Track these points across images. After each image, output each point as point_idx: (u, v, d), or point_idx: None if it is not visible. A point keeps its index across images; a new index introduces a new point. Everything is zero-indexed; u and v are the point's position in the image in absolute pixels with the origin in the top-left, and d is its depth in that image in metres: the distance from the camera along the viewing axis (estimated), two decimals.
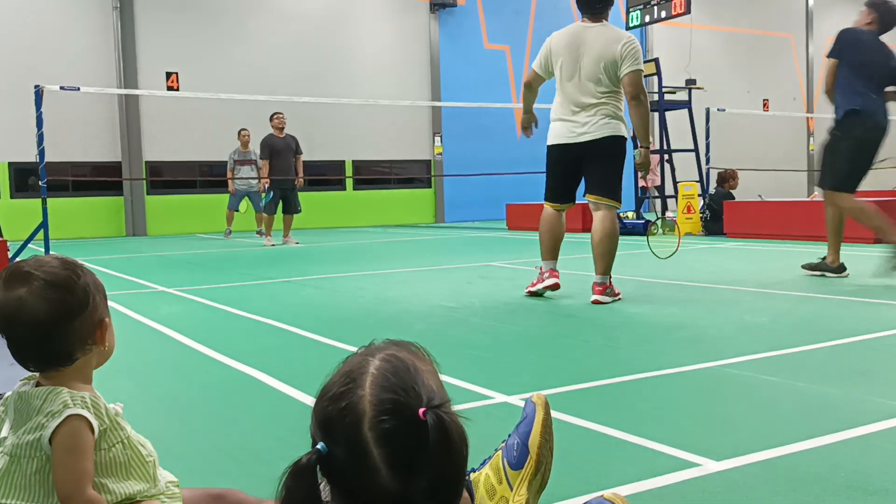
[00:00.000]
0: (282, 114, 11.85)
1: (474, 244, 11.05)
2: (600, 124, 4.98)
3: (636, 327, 4.05)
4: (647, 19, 14.19)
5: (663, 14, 13.75)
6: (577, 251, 6.98)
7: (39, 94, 9.42)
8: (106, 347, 1.42)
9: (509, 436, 1.51)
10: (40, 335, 1.33)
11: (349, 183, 18.47)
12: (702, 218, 11.51)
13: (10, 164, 15.08)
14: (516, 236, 12.38)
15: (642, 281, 5.95)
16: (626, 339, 3.76)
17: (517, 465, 1.45)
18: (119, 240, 14.72)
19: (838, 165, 5.78)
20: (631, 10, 14.42)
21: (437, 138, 19.36)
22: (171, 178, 16.38)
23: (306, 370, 3.24)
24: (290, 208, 11.84)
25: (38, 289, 1.32)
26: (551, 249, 5.26)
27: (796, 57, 25.31)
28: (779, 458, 1.99)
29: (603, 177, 5.05)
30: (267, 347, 3.77)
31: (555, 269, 5.21)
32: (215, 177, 16.87)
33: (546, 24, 19.86)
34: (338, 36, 18.00)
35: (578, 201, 5.49)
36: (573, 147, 5.07)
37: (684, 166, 14.40)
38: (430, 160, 19.47)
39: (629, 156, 5.29)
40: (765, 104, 23.63)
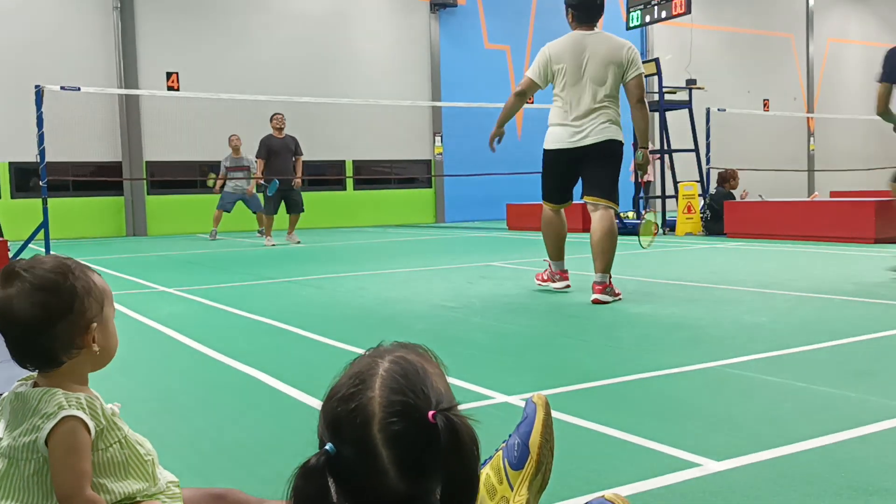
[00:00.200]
0: (281, 114, 11.82)
1: (474, 244, 11.05)
2: (601, 128, 5.08)
3: (637, 327, 4.05)
4: (648, 19, 14.20)
5: (664, 14, 13.76)
6: (578, 251, 6.98)
7: (40, 93, 9.42)
8: (98, 351, 1.39)
9: (510, 436, 1.51)
10: (25, 335, 1.33)
11: (349, 183, 18.47)
12: (702, 218, 11.51)
13: (11, 163, 15.08)
14: (516, 236, 12.38)
15: (643, 281, 5.95)
16: (627, 338, 3.76)
17: (518, 465, 1.45)
18: (119, 240, 14.73)
19: None
20: (631, 10, 14.43)
21: (438, 138, 19.37)
22: (171, 178, 16.39)
23: (307, 370, 3.24)
24: (294, 208, 11.82)
25: (25, 290, 1.32)
26: (558, 249, 5.44)
27: (797, 57, 25.31)
28: (780, 458, 1.99)
29: (602, 179, 5.13)
30: (267, 347, 3.77)
31: (564, 270, 5.41)
32: (216, 177, 16.88)
33: (546, 25, 19.86)
34: (338, 36, 18.00)
35: (577, 201, 5.57)
36: (572, 151, 5.17)
37: (685, 166, 14.40)
38: (430, 160, 19.48)
39: (626, 159, 5.43)
40: (765, 104, 23.63)
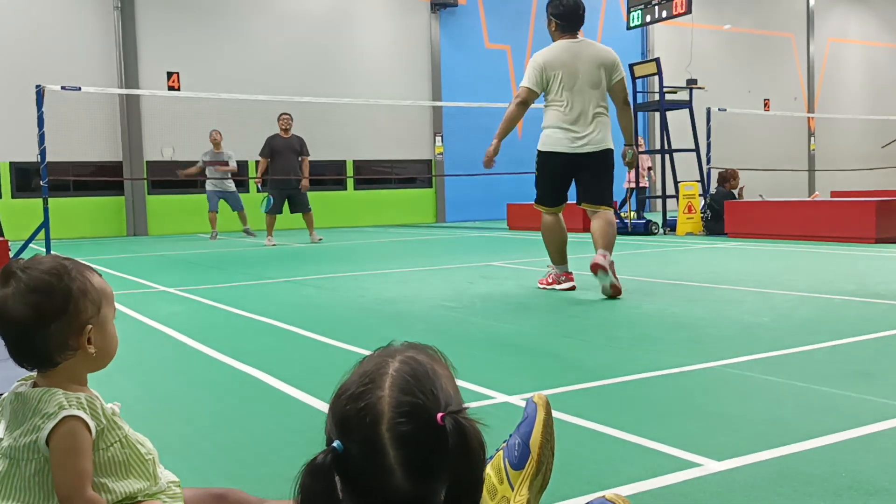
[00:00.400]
0: (288, 115, 11.85)
1: (475, 244, 11.05)
2: (599, 138, 5.32)
3: (637, 327, 4.05)
4: (648, 19, 14.20)
5: (664, 14, 13.76)
6: (579, 251, 6.97)
7: (41, 93, 9.42)
8: (95, 353, 1.39)
9: (510, 436, 1.51)
10: (19, 335, 1.34)
11: (350, 183, 18.47)
12: (703, 218, 11.51)
13: (12, 163, 15.08)
14: (517, 236, 12.38)
15: (643, 281, 5.95)
16: (628, 338, 3.76)
17: (518, 465, 1.45)
18: (120, 239, 14.73)
19: None
20: (632, 9, 14.43)
21: (438, 138, 19.36)
22: (172, 177, 16.38)
23: (307, 370, 3.24)
24: (300, 208, 11.83)
25: (19, 291, 1.33)
26: (561, 253, 5.53)
27: (797, 57, 25.30)
28: (780, 458, 1.99)
29: (601, 188, 5.39)
30: (268, 347, 3.77)
31: (569, 272, 5.50)
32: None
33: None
34: (339, 36, 18.00)
35: (570, 201, 5.67)
36: (573, 156, 5.34)
37: (685, 166, 14.39)
38: (430, 160, 19.47)
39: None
40: (766, 104, 23.61)
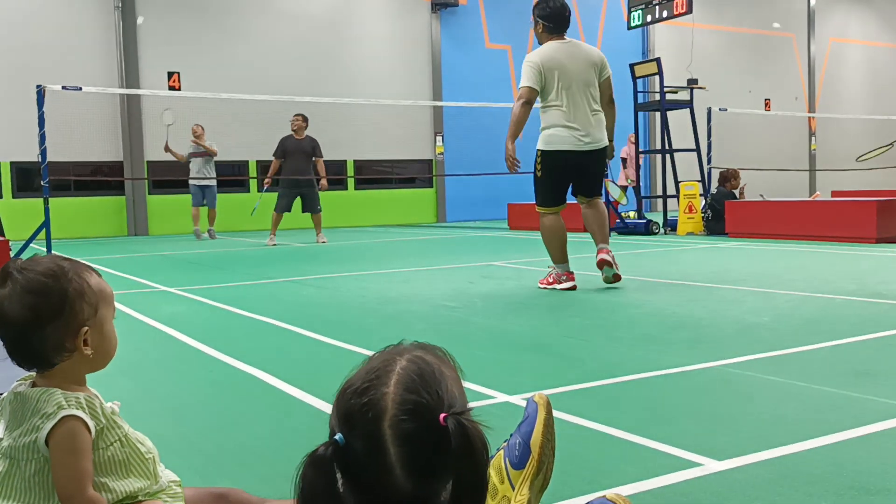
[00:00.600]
0: (300, 116, 11.97)
1: (476, 244, 11.05)
2: (599, 135, 5.54)
3: (638, 327, 4.05)
4: (649, 19, 14.19)
5: (665, 14, 13.75)
6: (579, 251, 6.97)
7: (41, 93, 9.42)
8: (92, 354, 1.38)
9: (511, 435, 1.51)
10: (15, 336, 1.34)
11: (350, 182, 18.47)
12: (703, 217, 11.50)
13: (13, 163, 15.09)
14: (518, 236, 12.37)
15: (644, 280, 5.95)
16: (628, 338, 3.76)
17: (519, 464, 1.45)
18: (121, 239, 14.74)
19: None
20: (632, 9, 14.42)
21: (439, 138, 19.36)
22: (171, 178, 16.38)
23: (308, 370, 3.24)
24: (310, 208, 11.95)
25: (15, 292, 1.33)
26: (562, 252, 5.60)
27: (798, 57, 25.29)
28: (781, 458, 1.99)
29: (598, 181, 5.71)
30: (269, 347, 3.78)
31: (570, 272, 5.56)
32: (217, 176, 16.84)
33: None
34: (339, 36, 18.00)
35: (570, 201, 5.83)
36: (579, 154, 5.50)
37: (686, 166, 14.39)
38: (431, 160, 19.47)
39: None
40: (766, 104, 23.60)
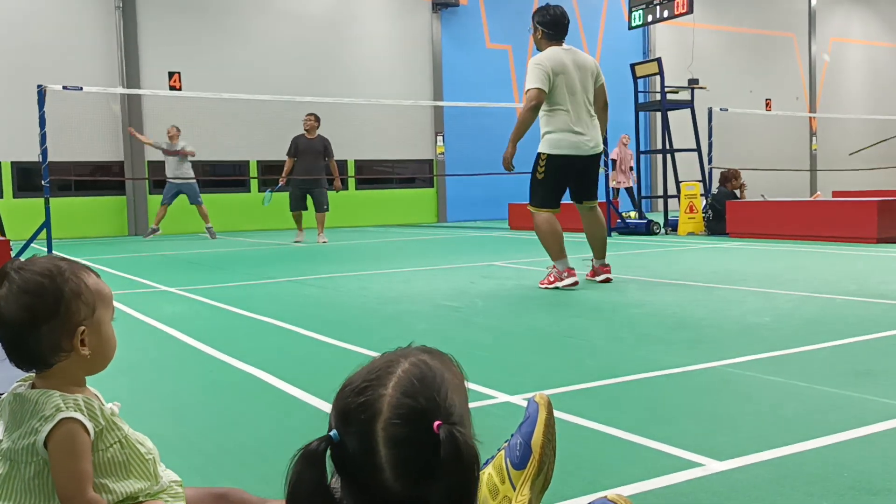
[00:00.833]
0: (312, 116, 12.10)
1: (477, 244, 11.05)
2: (598, 139, 5.73)
3: (639, 327, 4.05)
4: (650, 19, 14.19)
5: (665, 14, 13.74)
6: (579, 251, 6.97)
7: (42, 93, 9.43)
8: (89, 355, 1.38)
9: (512, 435, 1.51)
10: (11, 336, 1.34)
11: (351, 182, 18.47)
12: (704, 218, 11.50)
13: (13, 163, 15.09)
14: (519, 236, 12.37)
15: (645, 281, 5.95)
16: (629, 338, 3.76)
17: (520, 464, 1.45)
18: (121, 239, 14.74)
19: None
20: (633, 9, 14.42)
21: (440, 138, 19.36)
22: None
23: (309, 370, 3.24)
24: (317, 206, 12.06)
25: (12, 291, 1.33)
26: (562, 248, 5.70)
27: (799, 56, 25.28)
28: (782, 459, 1.99)
29: (596, 185, 5.89)
30: (269, 347, 3.78)
31: (571, 268, 5.64)
32: (218, 176, 16.88)
33: None
34: (340, 36, 17.99)
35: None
36: (583, 158, 5.67)
37: (687, 166, 14.38)
38: (432, 160, 19.47)
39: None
40: (767, 104, 23.59)
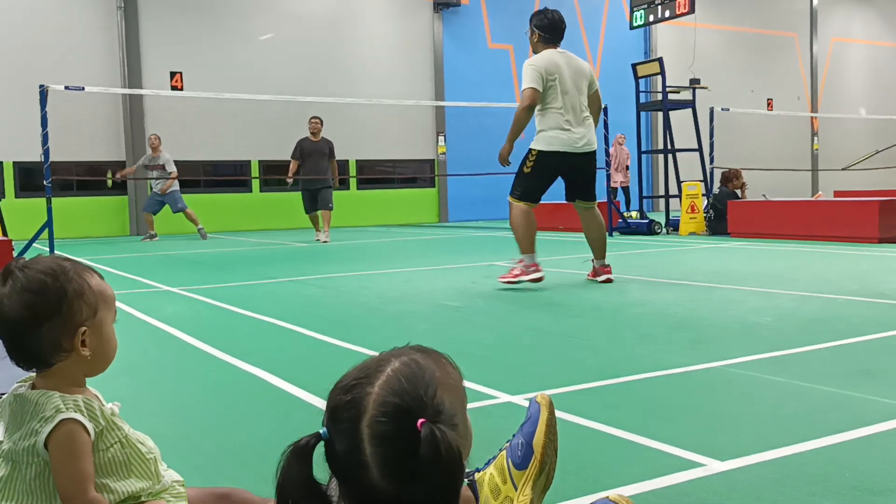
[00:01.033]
0: (317, 119, 12.39)
1: (478, 244, 11.05)
2: (592, 139, 5.79)
3: (640, 327, 4.05)
4: (651, 18, 14.18)
5: (667, 13, 13.74)
6: (579, 251, 6.96)
7: (44, 93, 9.43)
8: (89, 356, 1.38)
9: (514, 436, 1.51)
10: (12, 334, 1.34)
11: (353, 182, 18.47)
12: (706, 217, 11.49)
13: (15, 163, 15.10)
14: None
15: (646, 281, 5.95)
16: (630, 338, 3.76)
17: (521, 465, 1.45)
18: (123, 239, 14.75)
19: None
20: (635, 9, 14.41)
21: (441, 138, 19.36)
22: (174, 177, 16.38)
23: (310, 369, 3.24)
24: (322, 204, 12.40)
25: (15, 289, 1.33)
26: (532, 243, 5.79)
27: (800, 56, 25.26)
28: (783, 459, 1.99)
29: (593, 185, 5.94)
30: (271, 347, 3.78)
31: (537, 263, 5.73)
32: (219, 176, 16.88)
33: None
34: (341, 36, 18.00)
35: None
36: (574, 156, 5.72)
37: (688, 166, 14.38)
38: (433, 160, 19.47)
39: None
40: (769, 104, 23.58)
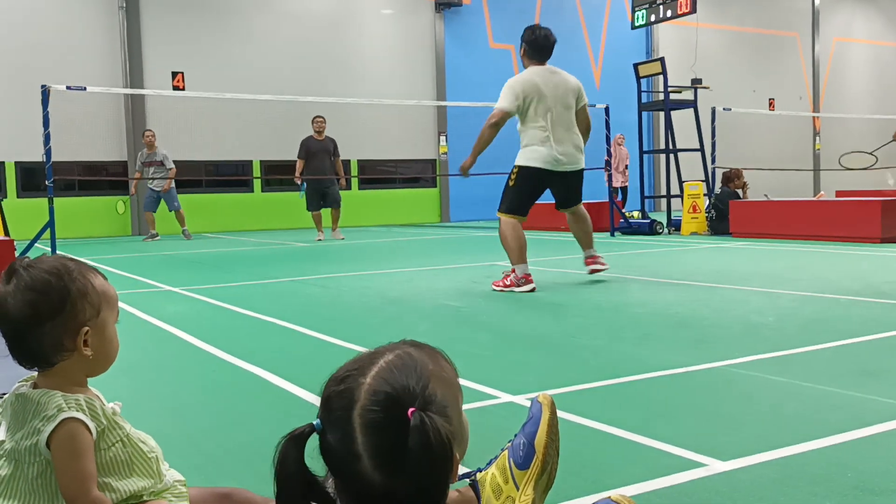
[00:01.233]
0: (322, 118, 12.68)
1: (479, 243, 11.04)
2: (578, 157, 5.93)
3: (642, 327, 4.05)
4: (653, 18, 14.18)
5: (669, 13, 13.73)
6: (579, 251, 6.96)
7: (46, 93, 9.44)
8: (92, 356, 1.38)
9: (515, 435, 1.51)
10: (15, 333, 1.34)
11: (354, 182, 18.47)
12: (707, 217, 11.48)
13: (17, 163, 15.11)
14: None
15: (648, 280, 5.95)
16: (632, 338, 3.76)
17: (523, 464, 1.45)
18: (125, 239, 14.76)
19: None
20: (636, 9, 14.41)
21: (443, 138, 19.36)
22: (176, 177, 16.38)
23: (311, 369, 3.24)
24: (331, 203, 12.73)
25: (19, 288, 1.33)
26: (523, 255, 5.80)
27: (802, 56, 25.23)
28: (785, 459, 1.99)
29: (579, 194, 6.12)
30: (272, 346, 3.78)
31: (529, 274, 5.73)
32: (221, 176, 16.89)
33: (550, 24, 19.64)
34: (343, 35, 18.00)
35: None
36: (556, 174, 5.84)
37: (690, 166, 14.37)
38: (435, 159, 19.47)
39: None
40: (770, 103, 23.55)
